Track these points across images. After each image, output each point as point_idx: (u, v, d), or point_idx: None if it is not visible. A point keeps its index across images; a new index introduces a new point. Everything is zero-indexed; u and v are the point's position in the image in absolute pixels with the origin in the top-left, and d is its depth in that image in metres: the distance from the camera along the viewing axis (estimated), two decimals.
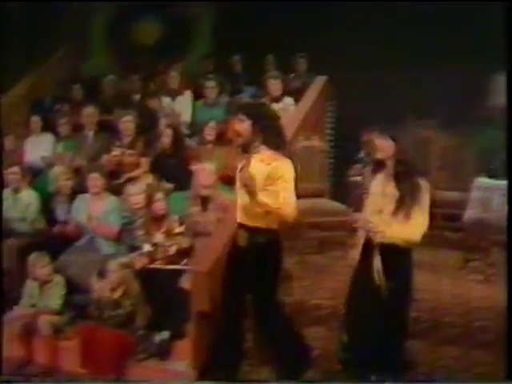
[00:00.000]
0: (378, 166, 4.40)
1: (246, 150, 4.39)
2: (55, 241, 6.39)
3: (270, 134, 4.34)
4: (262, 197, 4.20)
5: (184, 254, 5.85)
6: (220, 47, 9.72)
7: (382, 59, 8.48)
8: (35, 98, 9.31)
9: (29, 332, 5.74)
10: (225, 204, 5.84)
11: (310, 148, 7.12)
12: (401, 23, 8.54)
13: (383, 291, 4.23)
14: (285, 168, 4.31)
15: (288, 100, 7.89)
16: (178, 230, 5.98)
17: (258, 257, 4.38)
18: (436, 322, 5.22)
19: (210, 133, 7.19)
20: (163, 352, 5.37)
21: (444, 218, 7.08)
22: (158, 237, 5.90)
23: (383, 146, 4.27)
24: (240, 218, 4.49)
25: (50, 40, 9.97)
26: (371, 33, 8.69)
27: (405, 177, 4.22)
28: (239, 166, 4.42)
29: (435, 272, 6.21)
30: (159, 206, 5.96)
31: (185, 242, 5.87)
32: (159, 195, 6.01)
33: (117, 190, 6.63)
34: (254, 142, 4.35)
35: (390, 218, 4.22)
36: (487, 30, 7.59)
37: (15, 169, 6.77)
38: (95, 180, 6.36)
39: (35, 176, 7.35)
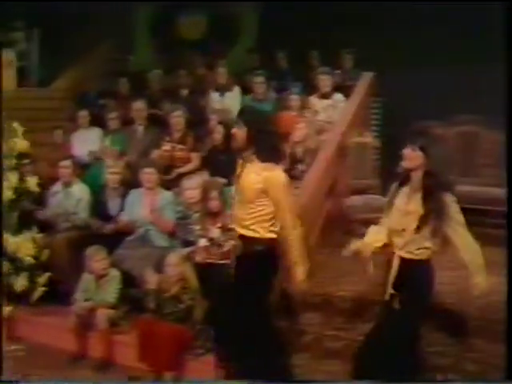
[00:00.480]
0: (405, 178, 4.24)
1: (241, 156, 4.36)
2: (107, 235, 6.35)
3: (263, 145, 4.26)
4: (253, 208, 4.21)
5: None
6: (265, 43, 9.64)
7: (430, 57, 8.41)
8: (80, 92, 9.30)
9: (84, 326, 5.74)
10: None
11: (362, 144, 7.07)
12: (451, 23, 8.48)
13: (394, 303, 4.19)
14: (276, 179, 4.25)
15: (338, 96, 7.81)
16: (232, 225, 5.93)
17: (249, 266, 4.36)
18: (488, 321, 5.08)
19: None
20: None
21: (490, 216, 6.90)
22: (214, 232, 5.84)
23: (411, 155, 4.09)
24: (235, 226, 4.48)
25: (93, 34, 9.97)
26: (421, 30, 8.61)
27: (430, 192, 4.06)
28: (236, 174, 4.40)
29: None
30: (215, 203, 5.91)
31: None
32: (214, 192, 5.97)
33: (168, 185, 6.59)
34: (248, 150, 4.29)
35: (413, 236, 4.12)
36: None
37: (67, 162, 6.74)
38: (149, 175, 6.36)
39: (82, 170, 7.32)
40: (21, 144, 6.04)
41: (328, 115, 7.59)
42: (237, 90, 8.17)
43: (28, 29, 11.47)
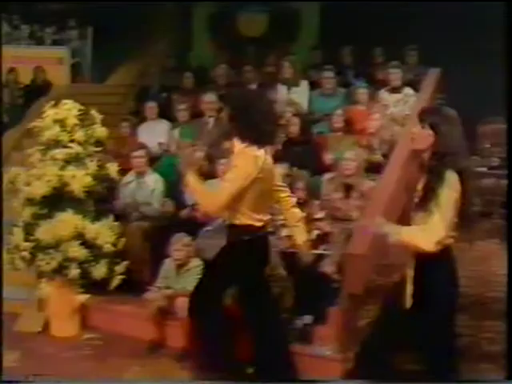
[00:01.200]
0: (414, 158, 3.96)
1: (228, 138, 4.36)
2: (183, 224, 6.24)
3: (244, 125, 4.12)
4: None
5: (324, 239, 5.70)
6: (327, 39, 9.58)
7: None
8: (141, 87, 9.29)
9: (163, 314, 5.65)
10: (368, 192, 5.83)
11: None
12: None
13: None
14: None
15: (408, 90, 7.71)
16: (318, 215, 5.86)
17: (234, 254, 4.32)
18: None
19: (338, 120, 7.06)
20: (305, 336, 5.24)
21: None
22: None
23: (421, 135, 3.66)
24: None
25: (145, 31, 9.99)
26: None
27: (435, 171, 3.57)
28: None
29: None
30: (300, 193, 5.83)
31: (326, 227, 5.72)
32: (300, 183, 5.89)
33: None
34: (232, 132, 4.20)
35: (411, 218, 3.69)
36: None
37: (141, 152, 6.68)
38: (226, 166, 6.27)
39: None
40: (100, 131, 5.96)
41: (400, 109, 7.46)
42: (305, 84, 8.12)
43: (81, 27, 11.53)
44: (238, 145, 4.16)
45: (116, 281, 5.80)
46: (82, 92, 9.57)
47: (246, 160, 4.07)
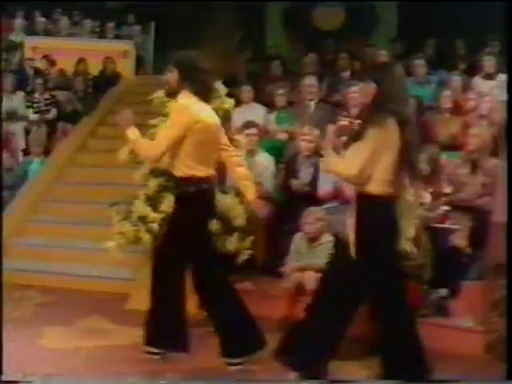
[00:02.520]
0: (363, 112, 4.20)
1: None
2: (299, 202, 6.22)
3: (192, 79, 4.42)
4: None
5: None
6: (405, 32, 9.59)
7: None
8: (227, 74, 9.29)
9: (296, 290, 5.55)
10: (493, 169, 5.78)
11: None
12: None
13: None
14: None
15: (502, 77, 7.68)
16: (446, 190, 5.84)
17: (182, 206, 4.50)
18: None
19: (446, 101, 7.06)
20: (442, 309, 5.25)
21: None
22: (426, 197, 5.70)
23: (366, 90, 3.98)
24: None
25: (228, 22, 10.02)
26: None
27: (371, 115, 3.86)
28: None
29: None
30: (425, 168, 5.77)
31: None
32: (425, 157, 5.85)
33: None
34: (181, 89, 4.48)
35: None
36: None
37: (253, 130, 6.59)
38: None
39: None
40: (228, 102, 5.89)
41: (495, 94, 7.44)
42: None
43: (143, 23, 11.58)
44: (181, 98, 4.48)
45: (244, 256, 5.68)
46: (149, 83, 9.56)
47: (180, 110, 4.39)
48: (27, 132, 9.13)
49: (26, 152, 8.88)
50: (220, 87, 5.93)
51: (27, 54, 10.69)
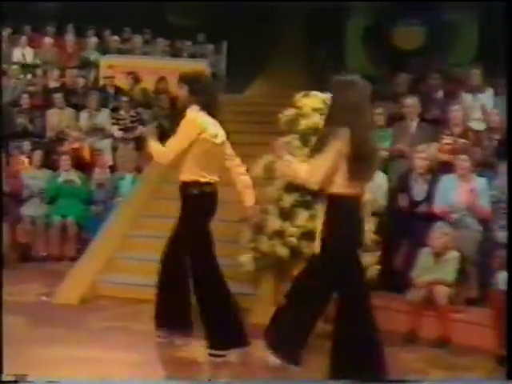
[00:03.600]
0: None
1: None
2: (414, 219, 6.37)
3: (200, 94, 4.99)
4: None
5: None
6: (486, 51, 9.68)
7: None
8: None
9: (423, 304, 5.75)
10: None
11: None
12: None
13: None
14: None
15: None
16: None
17: (187, 206, 5.01)
18: None
19: None
20: None
21: None
22: None
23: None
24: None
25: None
26: None
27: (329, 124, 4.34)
28: None
29: None
30: None
31: None
32: None
33: None
34: (190, 104, 5.01)
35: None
36: None
37: None
38: (463, 162, 6.39)
39: None
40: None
41: None
42: (490, 91, 8.18)
43: (216, 42, 11.75)
44: (189, 111, 4.97)
45: (373, 271, 5.75)
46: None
47: (187, 123, 4.91)
48: (114, 149, 9.27)
49: (114, 168, 8.99)
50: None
51: (103, 72, 10.80)
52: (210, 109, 5.02)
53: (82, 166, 8.89)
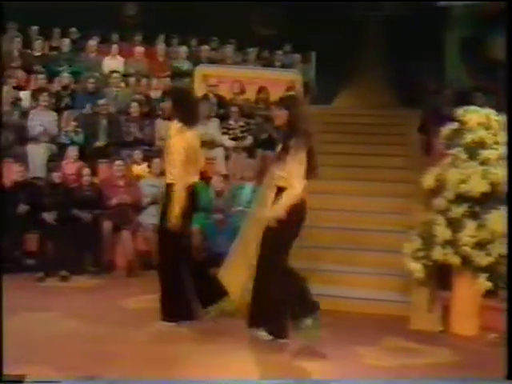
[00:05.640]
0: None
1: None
2: None
3: (182, 110, 5.79)
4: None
5: None
6: None
7: None
8: None
9: None
10: None
11: None
12: None
13: None
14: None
15: None
16: None
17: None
18: None
19: None
20: None
21: None
22: None
23: (279, 115, 5.37)
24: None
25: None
26: None
27: (289, 135, 5.32)
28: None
29: None
30: None
31: None
32: None
33: None
34: (174, 118, 5.86)
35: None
36: None
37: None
38: None
39: None
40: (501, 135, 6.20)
41: None
42: None
43: (304, 51, 11.96)
44: (174, 125, 5.78)
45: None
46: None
47: (178, 137, 5.68)
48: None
49: (226, 177, 9.19)
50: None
51: (198, 81, 10.90)
52: (189, 122, 5.77)
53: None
